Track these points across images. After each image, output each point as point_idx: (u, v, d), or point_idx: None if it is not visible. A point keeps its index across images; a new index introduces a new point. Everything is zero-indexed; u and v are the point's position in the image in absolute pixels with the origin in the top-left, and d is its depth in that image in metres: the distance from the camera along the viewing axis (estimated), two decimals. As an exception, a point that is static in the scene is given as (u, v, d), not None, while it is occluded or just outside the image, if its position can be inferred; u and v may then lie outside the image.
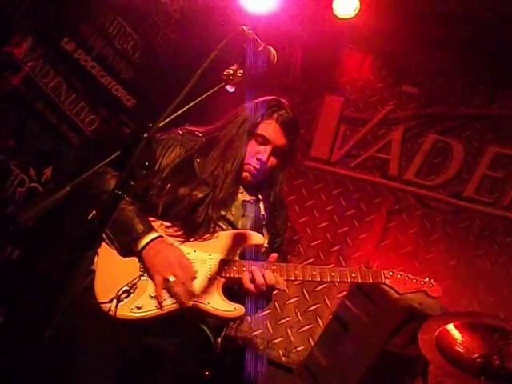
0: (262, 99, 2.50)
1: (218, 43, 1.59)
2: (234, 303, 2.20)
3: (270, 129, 2.40)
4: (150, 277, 2.16)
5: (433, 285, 2.38)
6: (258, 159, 2.39)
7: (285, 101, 2.54)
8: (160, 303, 2.12)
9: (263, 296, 2.27)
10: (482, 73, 4.70)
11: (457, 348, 2.73)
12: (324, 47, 4.95)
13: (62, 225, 3.53)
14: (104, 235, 2.17)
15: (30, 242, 3.54)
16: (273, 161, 2.44)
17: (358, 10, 4.52)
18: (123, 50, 4.17)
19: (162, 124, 1.35)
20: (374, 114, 4.82)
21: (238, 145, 2.39)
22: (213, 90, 1.56)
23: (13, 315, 3.36)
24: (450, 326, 2.73)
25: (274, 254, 2.30)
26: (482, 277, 4.11)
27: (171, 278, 2.13)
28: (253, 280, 2.18)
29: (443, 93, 4.74)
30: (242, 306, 2.20)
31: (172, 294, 2.14)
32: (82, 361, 2.14)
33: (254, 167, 2.40)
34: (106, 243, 2.20)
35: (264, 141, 2.40)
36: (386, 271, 2.34)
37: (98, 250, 2.19)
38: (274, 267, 2.24)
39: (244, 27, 1.66)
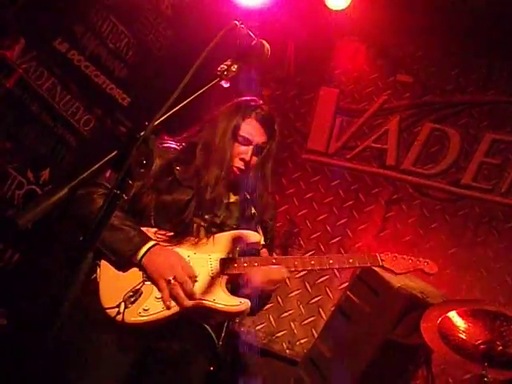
0: (237, 100, 2.53)
1: (212, 38, 1.60)
2: (239, 298, 2.22)
3: (250, 128, 2.43)
4: (154, 282, 2.18)
5: (428, 262, 2.42)
6: (241, 159, 2.41)
7: (258, 99, 2.57)
8: (167, 306, 2.14)
9: (264, 293, 2.31)
10: (477, 60, 4.69)
11: (459, 335, 2.74)
12: (318, 39, 4.95)
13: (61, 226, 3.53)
14: (101, 253, 2.20)
15: (30, 244, 3.55)
16: (254, 159, 2.46)
17: (350, 1, 4.51)
18: (116, 49, 4.16)
19: (158, 122, 1.35)
20: (369, 105, 4.82)
21: (224, 148, 2.40)
22: (208, 86, 1.56)
23: (15, 318, 3.37)
24: (452, 314, 2.74)
25: (265, 250, 2.36)
26: (483, 264, 4.12)
27: (172, 280, 2.15)
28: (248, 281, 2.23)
29: (438, 81, 4.74)
30: (247, 300, 2.22)
31: (174, 295, 2.15)
32: (85, 360, 2.18)
33: (239, 168, 2.43)
34: (105, 259, 2.22)
35: (246, 141, 2.42)
36: (381, 254, 2.38)
37: (99, 263, 2.23)
38: (274, 260, 2.29)
39: (236, 22, 1.65)
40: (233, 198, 2.48)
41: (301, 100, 4.97)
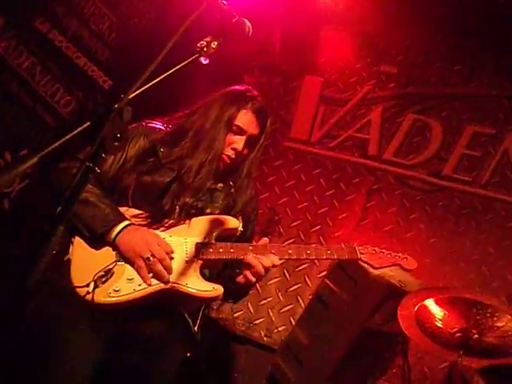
0: (233, 89, 2.52)
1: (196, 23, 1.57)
2: (212, 283, 2.20)
3: (246, 119, 2.42)
4: (130, 261, 2.15)
5: (407, 258, 2.41)
6: (233, 149, 2.40)
7: (254, 90, 2.56)
8: (148, 283, 2.12)
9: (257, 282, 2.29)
10: (461, 52, 4.71)
11: (436, 323, 2.76)
12: (304, 28, 4.91)
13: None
14: (77, 228, 2.17)
15: (7, 225, 3.50)
16: (245, 150, 2.45)
17: (336, -10, 4.49)
18: (99, 31, 4.10)
19: (133, 95, 1.33)
20: (353, 94, 4.82)
21: (215, 136, 2.37)
22: (186, 62, 1.53)
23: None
24: (429, 301, 2.75)
25: (266, 239, 2.32)
26: (461, 254, 4.15)
27: (151, 258, 2.12)
28: (253, 266, 2.20)
29: (422, 72, 4.74)
30: (220, 286, 2.19)
31: (153, 273, 2.13)
32: (58, 346, 2.16)
33: (229, 157, 2.41)
34: (80, 236, 2.20)
35: (240, 131, 2.41)
36: (360, 247, 2.37)
37: (73, 240, 2.20)
38: (251, 248, 2.26)
39: (218, -3, 1.63)
40: (217, 185, 2.44)
41: (285, 88, 4.95)
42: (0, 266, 3.38)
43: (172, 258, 2.18)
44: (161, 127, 2.46)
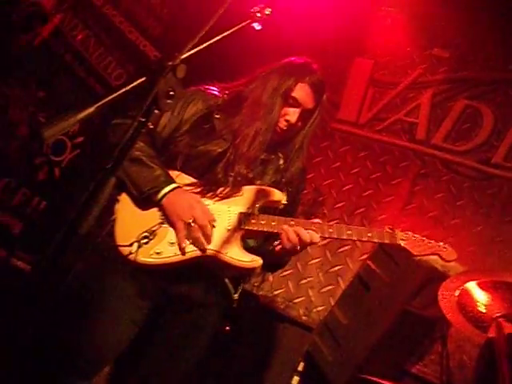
0: (293, 61, 2.51)
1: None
2: (252, 255, 2.23)
3: (302, 92, 2.41)
4: (172, 224, 2.19)
5: (447, 249, 2.35)
6: (286, 120, 2.40)
7: (314, 63, 2.54)
8: (181, 249, 2.16)
9: (293, 253, 2.30)
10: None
11: (478, 308, 2.71)
12: (355, 9, 4.85)
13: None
14: (124, 185, 2.21)
15: (57, 193, 3.60)
16: (299, 122, 2.44)
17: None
18: (151, 6, 4.15)
19: (186, 55, 1.34)
20: (403, 78, 4.73)
21: (272, 107, 2.38)
22: (239, 26, 1.54)
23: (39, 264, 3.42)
24: (472, 285, 2.71)
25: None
26: (508, 244, 4.05)
27: (192, 223, 2.16)
28: (291, 237, 2.20)
29: (475, 57, 4.62)
30: (259, 258, 2.22)
31: (193, 239, 2.17)
32: (103, 302, 2.23)
33: (281, 128, 2.41)
34: (126, 193, 2.24)
35: (295, 103, 2.41)
36: (402, 233, 2.33)
37: (119, 198, 2.25)
38: (293, 222, 2.25)
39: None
40: (267, 156, 2.45)
41: (334, 69, 4.84)
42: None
43: (214, 227, 2.21)
44: (217, 94, 2.47)
